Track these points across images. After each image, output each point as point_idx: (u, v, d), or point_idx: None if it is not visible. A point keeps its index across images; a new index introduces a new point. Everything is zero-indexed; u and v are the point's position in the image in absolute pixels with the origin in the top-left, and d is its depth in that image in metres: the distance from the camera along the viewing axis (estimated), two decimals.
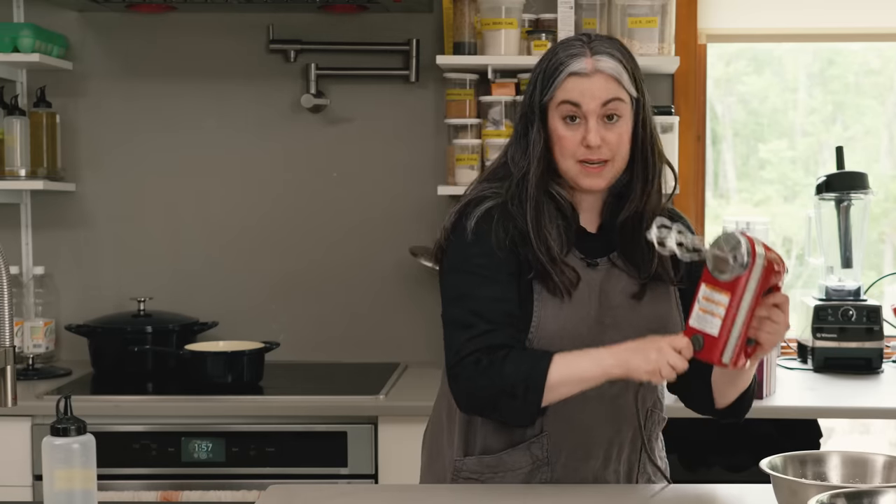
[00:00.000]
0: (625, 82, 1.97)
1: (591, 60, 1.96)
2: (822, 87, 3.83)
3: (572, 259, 2.01)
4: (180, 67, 3.53)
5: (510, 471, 2.05)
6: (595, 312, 2.01)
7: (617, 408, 2.04)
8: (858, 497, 1.56)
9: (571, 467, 2.04)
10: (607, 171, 1.99)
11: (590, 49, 1.97)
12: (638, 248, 2.02)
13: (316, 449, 2.92)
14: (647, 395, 2.08)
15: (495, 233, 1.99)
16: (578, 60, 1.96)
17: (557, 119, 1.98)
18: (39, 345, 3.39)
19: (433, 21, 3.46)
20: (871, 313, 3.29)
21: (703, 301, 1.82)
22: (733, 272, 1.78)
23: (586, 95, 1.95)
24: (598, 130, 1.95)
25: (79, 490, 1.66)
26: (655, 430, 2.14)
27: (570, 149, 1.97)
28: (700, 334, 1.82)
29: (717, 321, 1.80)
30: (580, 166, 1.98)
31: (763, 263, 1.79)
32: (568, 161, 1.99)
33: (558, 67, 1.97)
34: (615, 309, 2.02)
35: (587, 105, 1.95)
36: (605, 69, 1.96)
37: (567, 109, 1.96)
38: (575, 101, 1.95)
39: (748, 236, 1.79)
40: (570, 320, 1.99)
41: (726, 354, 1.81)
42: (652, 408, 2.10)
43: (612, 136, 1.96)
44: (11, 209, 3.54)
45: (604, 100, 1.95)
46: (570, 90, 1.95)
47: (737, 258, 1.78)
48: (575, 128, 1.97)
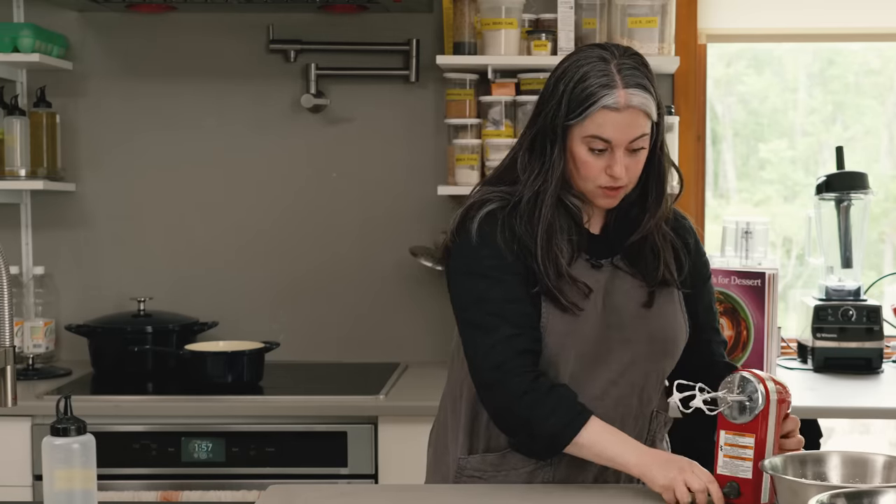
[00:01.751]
0: (652, 114, 1.97)
1: (623, 94, 1.93)
2: (822, 87, 3.83)
3: (580, 264, 2.01)
4: (180, 67, 3.53)
5: (513, 469, 2.05)
6: (599, 313, 2.01)
7: (621, 409, 2.05)
8: (858, 497, 1.56)
9: (574, 467, 2.04)
10: (622, 193, 2.01)
11: (621, 78, 1.94)
12: (643, 256, 2.04)
13: (316, 449, 2.92)
14: (652, 397, 2.08)
15: (501, 234, 1.99)
16: (612, 94, 1.93)
17: (582, 145, 1.96)
18: (39, 345, 3.39)
19: (433, 21, 3.46)
20: (871, 313, 3.29)
21: (727, 447, 1.88)
22: (752, 413, 1.85)
23: (617, 132, 1.94)
24: (623, 160, 1.96)
25: (79, 490, 1.66)
26: (660, 431, 2.15)
27: (593, 176, 1.97)
28: (734, 480, 1.86)
29: (748, 464, 1.85)
30: (600, 190, 1.99)
31: (777, 398, 1.86)
32: (589, 185, 1.99)
33: (589, 98, 1.93)
34: (620, 311, 2.02)
35: (617, 140, 1.94)
36: (638, 105, 1.94)
37: (596, 144, 1.95)
38: (606, 138, 1.94)
39: (756, 374, 1.86)
40: (576, 323, 2.00)
41: (765, 494, 1.85)
42: (657, 409, 2.11)
43: (634, 164, 1.98)
44: (11, 209, 3.54)
45: (633, 137, 1.95)
46: (602, 125, 1.94)
47: (752, 399, 1.85)
48: (599, 156, 1.96)
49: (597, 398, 2.01)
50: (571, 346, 2.00)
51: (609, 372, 2.03)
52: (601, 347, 2.02)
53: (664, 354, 2.07)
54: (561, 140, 1.97)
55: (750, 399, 1.85)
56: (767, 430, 1.85)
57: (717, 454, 1.89)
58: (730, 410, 1.87)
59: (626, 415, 2.05)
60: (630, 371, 2.04)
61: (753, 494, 1.85)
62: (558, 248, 1.99)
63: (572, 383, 1.99)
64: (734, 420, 1.86)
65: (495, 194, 2.03)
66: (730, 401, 1.86)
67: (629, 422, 2.06)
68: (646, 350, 2.04)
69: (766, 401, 1.84)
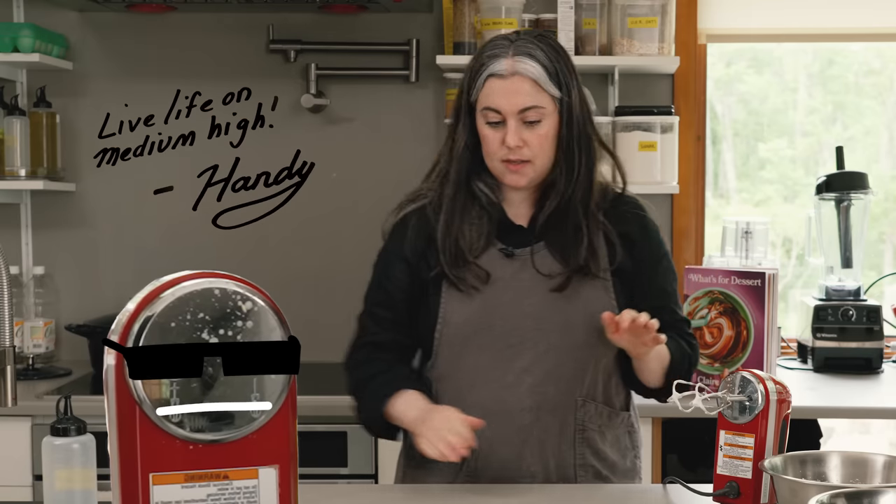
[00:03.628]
0: (545, 84, 2.00)
1: (510, 62, 1.99)
2: (822, 87, 3.83)
3: (491, 253, 2.05)
4: (180, 67, 3.53)
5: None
6: (510, 303, 2.03)
7: (537, 397, 2.04)
8: (858, 497, 1.56)
9: (492, 457, 2.05)
10: (528, 170, 2.03)
11: (513, 48, 2.00)
12: (564, 239, 2.05)
13: (316, 449, 2.92)
14: (573, 387, 2.05)
15: (409, 235, 2.10)
16: (499, 62, 1.99)
17: (482, 120, 2.03)
18: (39, 345, 3.39)
19: (433, 21, 3.46)
20: (871, 313, 3.29)
21: (727, 447, 1.88)
22: (752, 413, 1.85)
23: (503, 100, 1.99)
24: (517, 132, 2.00)
25: (79, 490, 1.66)
26: (594, 422, 2.09)
27: (493, 149, 2.02)
28: (733, 480, 1.86)
29: (748, 464, 1.85)
30: (504, 165, 2.03)
31: (776, 398, 1.86)
32: (493, 161, 2.04)
33: (480, 69, 2.02)
34: (534, 299, 2.03)
35: (506, 108, 1.99)
36: (524, 71, 1.99)
37: (489, 115, 2.01)
38: (495, 107, 2.00)
39: (756, 374, 1.86)
40: (477, 314, 2.03)
41: (764, 494, 1.85)
42: (586, 399, 2.07)
43: (533, 137, 2.00)
44: (11, 209, 3.54)
45: (521, 107, 1.99)
46: (490, 94, 2.00)
47: (752, 399, 1.85)
48: (497, 129, 2.02)
49: (510, 385, 2.02)
50: (474, 334, 2.03)
51: (521, 360, 2.03)
52: (512, 336, 2.03)
53: (585, 343, 2.04)
54: (467, 117, 2.04)
55: (750, 399, 1.85)
56: (767, 430, 1.85)
57: (717, 454, 1.89)
58: (730, 410, 1.87)
59: (542, 403, 2.04)
60: (544, 359, 2.03)
61: (753, 494, 1.85)
62: (460, 232, 2.04)
63: (481, 371, 2.03)
64: (734, 420, 1.87)
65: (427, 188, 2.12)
66: (730, 401, 1.86)
67: (546, 410, 2.05)
68: (561, 338, 2.03)
69: (766, 401, 1.84)
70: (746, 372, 1.87)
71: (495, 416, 2.02)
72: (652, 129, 3.29)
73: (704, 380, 3.00)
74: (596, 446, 2.09)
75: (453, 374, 2.07)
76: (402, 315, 2.12)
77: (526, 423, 2.04)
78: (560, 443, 2.06)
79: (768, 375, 1.89)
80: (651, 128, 3.29)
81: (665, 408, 2.34)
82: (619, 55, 3.27)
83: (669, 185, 3.31)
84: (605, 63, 3.30)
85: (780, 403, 1.86)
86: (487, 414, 2.01)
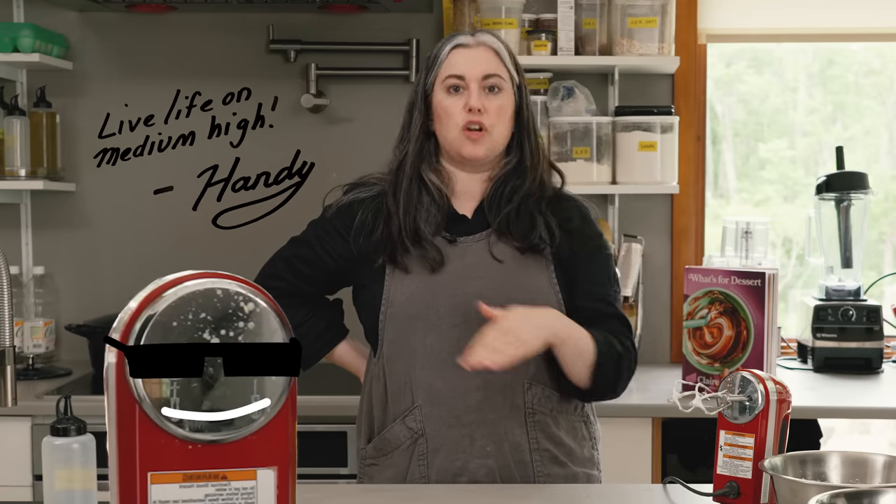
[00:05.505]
0: (505, 59, 2.13)
1: (473, 37, 2.14)
2: (822, 87, 3.83)
3: (437, 241, 2.11)
4: (180, 67, 3.53)
5: (395, 449, 2.10)
6: (453, 284, 2.08)
7: (479, 378, 2.04)
8: (858, 497, 1.56)
9: (444, 437, 2.07)
10: (485, 139, 2.10)
11: (476, 33, 2.16)
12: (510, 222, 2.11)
13: (316, 449, 2.92)
14: (520, 368, 2.02)
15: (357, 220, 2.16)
16: (462, 37, 2.14)
17: (442, 93, 2.12)
18: (39, 345, 3.39)
19: (433, 21, 3.47)
20: (871, 313, 3.30)
21: (727, 447, 1.88)
22: (752, 413, 1.85)
23: (468, 65, 2.10)
24: (479, 96, 2.09)
25: (79, 490, 1.66)
26: (544, 406, 2.10)
27: (454, 116, 2.09)
28: (733, 480, 1.87)
29: (748, 464, 1.85)
30: (463, 134, 2.09)
31: (776, 398, 1.86)
32: (452, 131, 2.10)
33: (442, 48, 2.14)
34: (477, 282, 2.08)
35: (469, 74, 2.09)
36: (487, 42, 2.13)
37: (451, 81, 2.10)
38: (459, 74, 2.10)
39: (756, 374, 1.86)
40: (420, 293, 2.07)
41: (764, 494, 1.85)
42: (532, 381, 2.09)
43: (493, 106, 2.09)
44: (11, 209, 3.54)
45: (485, 72, 2.10)
46: (454, 63, 2.11)
47: (752, 399, 1.86)
48: (458, 96, 2.10)
49: (458, 366, 2.00)
50: (419, 313, 2.07)
51: (466, 340, 2.00)
52: (455, 316, 2.06)
53: None
54: (422, 102, 2.14)
55: (750, 399, 1.85)
56: (767, 430, 1.85)
57: (717, 454, 1.89)
58: (730, 410, 1.87)
59: (489, 383, 2.06)
60: None
61: (753, 494, 1.85)
62: (417, 214, 2.11)
63: (428, 351, 2.07)
64: (734, 420, 1.87)
65: (378, 175, 2.22)
66: (730, 401, 1.86)
67: (495, 390, 2.07)
68: None
69: (766, 401, 1.84)
70: (746, 372, 1.88)
71: (445, 396, 2.06)
72: (652, 129, 3.29)
73: (704, 380, 3.00)
74: (550, 430, 2.11)
75: (401, 355, 2.10)
76: (318, 282, 2.24)
77: (475, 402, 2.06)
78: (512, 425, 2.08)
79: (768, 375, 1.89)
80: (651, 128, 3.29)
81: (665, 408, 2.35)
82: (619, 55, 3.28)
83: (669, 185, 3.31)
84: (605, 63, 3.31)
85: (780, 403, 1.86)
86: (437, 394, 2.06)
